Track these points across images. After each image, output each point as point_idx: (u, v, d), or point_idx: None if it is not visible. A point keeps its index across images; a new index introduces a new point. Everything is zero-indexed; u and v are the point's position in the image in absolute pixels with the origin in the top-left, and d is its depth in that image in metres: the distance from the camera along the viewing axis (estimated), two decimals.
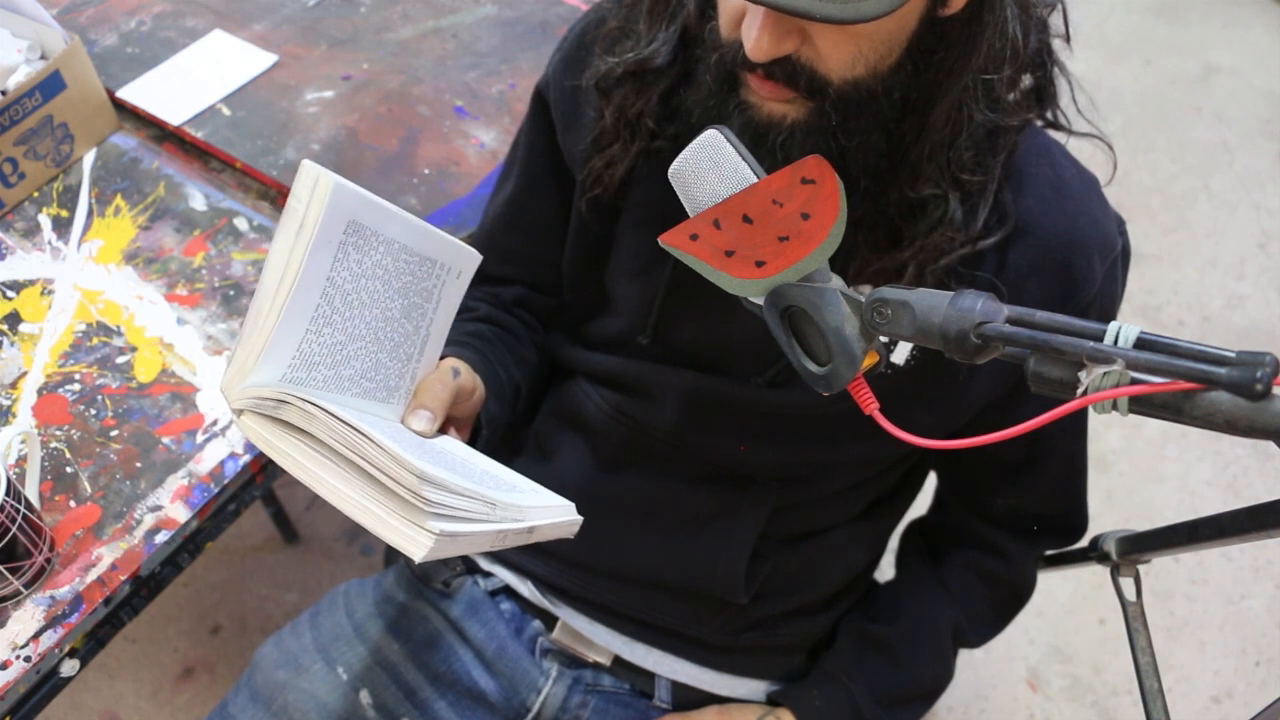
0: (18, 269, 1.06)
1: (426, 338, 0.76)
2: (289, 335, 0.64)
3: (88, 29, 1.28)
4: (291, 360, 0.65)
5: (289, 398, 0.62)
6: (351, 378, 0.70)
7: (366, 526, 0.61)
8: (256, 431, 0.64)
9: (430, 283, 0.74)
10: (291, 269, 0.63)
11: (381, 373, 0.72)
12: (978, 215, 0.72)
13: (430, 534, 0.59)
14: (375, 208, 0.67)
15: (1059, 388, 0.52)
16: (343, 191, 0.63)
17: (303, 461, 0.62)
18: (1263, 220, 2.24)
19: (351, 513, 0.61)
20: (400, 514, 0.60)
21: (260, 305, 0.63)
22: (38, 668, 0.81)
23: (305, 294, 0.64)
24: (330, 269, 0.65)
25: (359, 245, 0.66)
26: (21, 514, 0.78)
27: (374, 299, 0.69)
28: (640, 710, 0.96)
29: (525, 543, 0.70)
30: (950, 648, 0.97)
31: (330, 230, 0.64)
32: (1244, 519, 0.77)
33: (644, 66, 0.77)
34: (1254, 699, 1.59)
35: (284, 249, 0.63)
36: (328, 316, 0.66)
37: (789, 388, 0.83)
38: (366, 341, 0.70)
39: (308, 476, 0.62)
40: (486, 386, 0.85)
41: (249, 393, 0.63)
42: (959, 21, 0.65)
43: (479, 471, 0.70)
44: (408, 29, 1.31)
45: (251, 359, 0.63)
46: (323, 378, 0.68)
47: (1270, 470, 1.83)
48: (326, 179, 0.62)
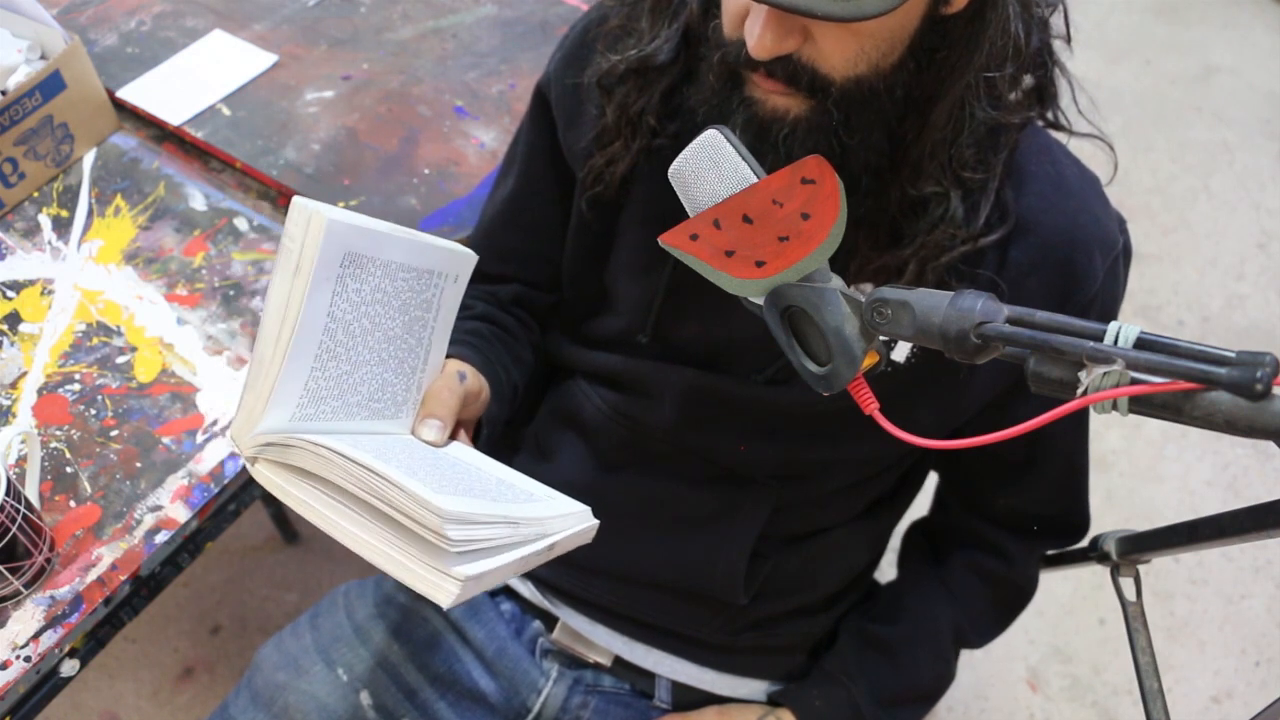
0: (18, 269, 1.06)
1: (430, 347, 0.75)
2: (295, 376, 0.63)
3: (88, 29, 1.28)
4: (300, 399, 0.64)
5: (298, 442, 0.61)
6: (359, 403, 0.69)
7: (391, 574, 0.59)
8: (271, 480, 0.63)
9: (429, 293, 0.73)
10: (292, 311, 0.62)
11: (388, 391, 0.72)
12: (979, 213, 0.72)
13: (456, 581, 0.57)
14: (370, 234, 0.65)
15: (1059, 388, 0.52)
16: (336, 226, 0.62)
17: (321, 510, 0.61)
18: (1263, 220, 2.24)
19: (375, 560, 0.60)
20: (425, 560, 0.58)
21: (264, 350, 0.62)
22: (38, 668, 0.81)
23: (308, 333, 0.63)
24: (330, 304, 0.64)
25: (357, 275, 0.65)
26: (21, 514, 0.78)
27: (375, 323, 0.69)
28: (640, 710, 0.96)
29: (547, 560, 0.69)
30: (951, 648, 0.97)
31: (327, 266, 0.62)
32: (1244, 519, 0.77)
33: (646, 64, 0.77)
34: (1254, 699, 1.59)
35: (283, 291, 0.62)
36: (331, 351, 0.65)
37: (788, 386, 0.83)
38: (372, 365, 0.69)
39: (328, 525, 0.61)
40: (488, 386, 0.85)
41: (259, 439, 0.62)
42: (961, 20, 0.65)
43: (494, 482, 0.69)
44: (408, 29, 1.31)
45: (260, 404, 0.62)
46: (331, 409, 0.67)
47: (1270, 470, 1.83)
48: (320, 216, 0.61)
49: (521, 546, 0.64)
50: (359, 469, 0.59)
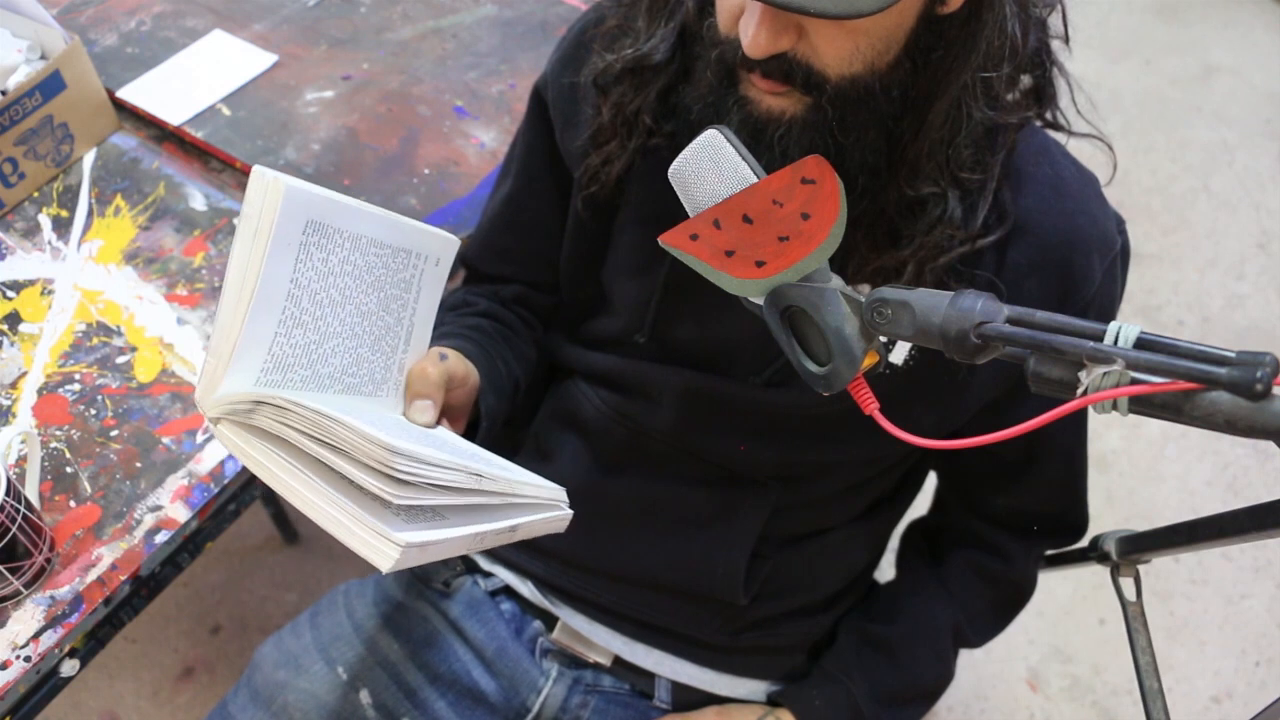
0: (18, 269, 1.06)
1: (411, 327, 0.75)
2: (257, 340, 0.64)
3: (88, 29, 1.28)
4: (264, 364, 0.65)
5: (263, 397, 0.62)
6: (332, 375, 0.69)
7: (336, 536, 0.60)
8: (232, 440, 0.63)
9: (408, 273, 0.73)
10: (251, 274, 0.62)
11: (364, 367, 0.72)
12: (977, 213, 0.72)
13: (396, 545, 0.58)
14: (336, 205, 0.66)
15: (1059, 388, 0.52)
16: (296, 193, 0.62)
17: (275, 471, 0.62)
18: (1263, 220, 2.24)
19: (322, 522, 0.60)
20: (369, 523, 0.59)
21: (224, 314, 0.63)
22: (38, 668, 0.81)
23: (269, 298, 0.63)
24: (294, 270, 0.64)
25: (322, 244, 0.66)
26: (21, 514, 0.78)
27: (346, 295, 0.69)
28: (640, 710, 0.96)
29: (508, 542, 0.69)
30: (951, 648, 0.97)
31: (288, 232, 0.63)
32: (1244, 519, 0.77)
33: (642, 63, 0.77)
34: (1254, 699, 1.59)
35: (242, 255, 0.62)
36: (297, 318, 0.66)
37: (787, 388, 0.83)
38: (343, 338, 0.70)
39: (280, 485, 0.62)
40: (486, 379, 0.85)
41: (223, 400, 0.63)
42: (958, 19, 0.65)
43: (469, 453, 0.70)
44: (408, 29, 1.31)
45: (222, 367, 0.63)
46: (300, 378, 0.67)
47: (1270, 470, 1.83)
48: (278, 182, 0.61)
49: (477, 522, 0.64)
50: (312, 413, 0.60)
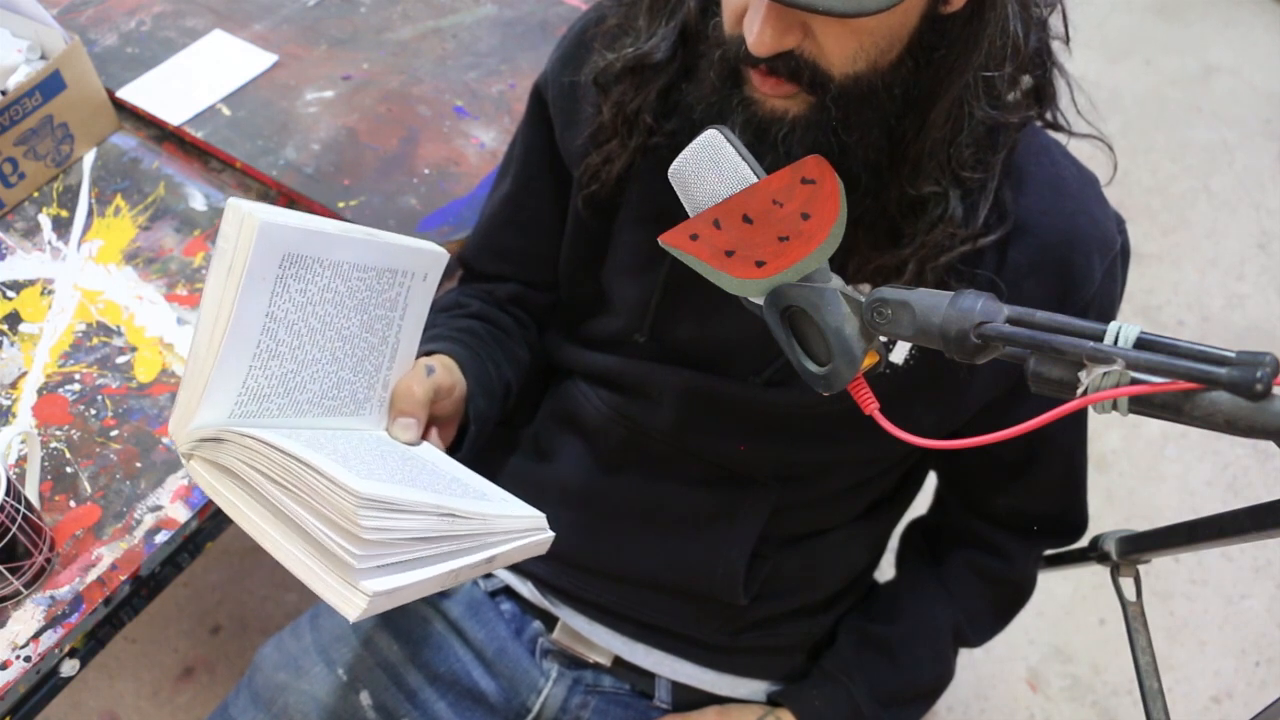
0: (18, 269, 1.06)
1: (397, 344, 0.75)
2: (231, 374, 0.63)
3: (88, 29, 1.28)
4: (238, 397, 0.64)
5: (227, 435, 0.61)
6: (310, 400, 0.69)
7: (304, 581, 0.59)
8: (204, 478, 0.63)
9: (394, 292, 0.72)
10: (224, 310, 0.61)
11: (345, 389, 0.71)
12: (978, 213, 0.72)
13: (364, 594, 0.57)
14: (314, 235, 0.65)
15: (1059, 388, 0.52)
16: (271, 229, 0.61)
17: (245, 511, 0.61)
18: (1263, 220, 2.24)
19: (290, 565, 0.60)
20: (336, 573, 0.58)
21: (198, 349, 0.62)
22: (38, 668, 0.81)
23: (242, 333, 0.63)
24: (269, 304, 0.64)
25: (300, 275, 0.65)
26: (21, 514, 0.78)
27: (326, 322, 0.68)
28: (640, 711, 0.96)
29: (486, 572, 0.68)
30: (950, 647, 0.97)
31: (262, 268, 0.62)
32: (1244, 519, 0.77)
33: (643, 62, 0.77)
34: (1254, 699, 1.59)
35: (215, 291, 0.62)
36: (273, 350, 0.65)
37: (787, 388, 0.83)
38: (323, 364, 0.69)
39: (250, 527, 0.61)
40: (477, 382, 0.85)
41: (194, 435, 0.62)
42: (960, 19, 0.65)
43: (447, 480, 0.69)
44: (408, 29, 1.31)
45: (195, 401, 0.62)
46: (277, 406, 0.67)
47: (1270, 470, 1.83)
48: (252, 219, 0.60)
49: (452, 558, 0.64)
50: (279, 455, 0.59)
